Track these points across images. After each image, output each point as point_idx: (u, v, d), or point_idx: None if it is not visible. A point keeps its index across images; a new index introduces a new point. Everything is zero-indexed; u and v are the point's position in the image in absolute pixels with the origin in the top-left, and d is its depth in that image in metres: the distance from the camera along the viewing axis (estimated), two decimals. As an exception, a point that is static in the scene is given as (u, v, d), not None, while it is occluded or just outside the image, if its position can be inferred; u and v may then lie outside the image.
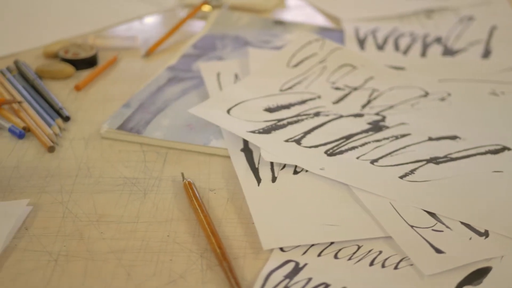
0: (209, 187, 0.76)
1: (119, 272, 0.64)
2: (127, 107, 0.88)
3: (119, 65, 1.04)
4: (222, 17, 1.15)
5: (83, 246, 0.67)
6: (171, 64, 1.00)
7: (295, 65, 0.95)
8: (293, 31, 1.12)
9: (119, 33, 1.14)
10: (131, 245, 0.67)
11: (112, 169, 0.79)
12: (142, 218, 0.71)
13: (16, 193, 0.74)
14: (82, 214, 0.71)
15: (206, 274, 0.64)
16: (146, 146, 0.83)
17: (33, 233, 0.69)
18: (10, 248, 0.67)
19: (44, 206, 0.72)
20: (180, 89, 0.93)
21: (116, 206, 0.72)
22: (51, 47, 1.04)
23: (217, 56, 1.03)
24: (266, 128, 0.81)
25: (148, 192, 0.75)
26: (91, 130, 0.86)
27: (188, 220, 0.71)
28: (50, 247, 0.67)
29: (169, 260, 0.65)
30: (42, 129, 0.84)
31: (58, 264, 0.65)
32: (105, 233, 0.69)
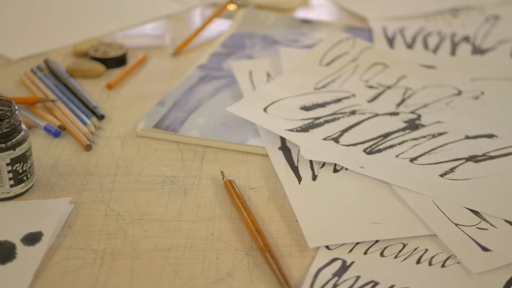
0: (249, 186, 0.75)
1: (166, 270, 0.64)
2: (161, 105, 0.88)
3: (148, 64, 1.04)
4: (249, 16, 1.15)
5: (128, 244, 0.67)
6: (201, 63, 1.00)
7: (327, 64, 0.95)
8: (321, 30, 1.11)
9: (145, 32, 1.14)
10: (176, 243, 0.67)
11: (150, 168, 0.78)
12: (184, 216, 0.71)
13: (56, 191, 0.74)
14: (124, 212, 0.71)
15: (253, 272, 0.63)
16: (182, 145, 0.83)
17: (77, 231, 0.68)
18: (55, 246, 0.67)
19: (86, 204, 0.72)
20: (212, 88, 0.93)
21: (157, 204, 0.72)
22: (80, 46, 1.04)
23: (247, 55, 1.03)
24: (303, 126, 0.81)
25: (189, 190, 0.75)
26: (126, 129, 0.86)
27: (231, 218, 0.70)
28: (95, 245, 0.67)
29: (215, 258, 0.65)
30: (77, 128, 0.84)
31: (105, 262, 0.64)
32: (148, 231, 0.69)
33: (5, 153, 0.70)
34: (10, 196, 0.72)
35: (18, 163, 0.71)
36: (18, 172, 0.72)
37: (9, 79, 0.98)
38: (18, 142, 0.71)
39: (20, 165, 0.72)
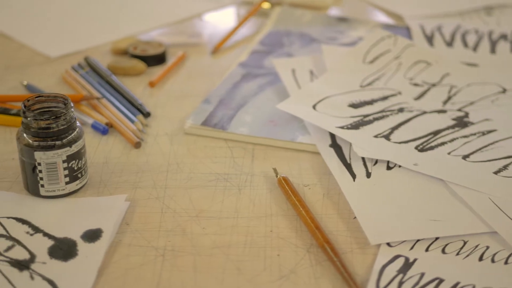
0: (303, 183, 0.75)
1: (229, 267, 0.63)
2: (207, 103, 0.88)
3: (188, 62, 1.04)
4: (285, 14, 1.15)
5: (187, 242, 0.67)
6: (242, 60, 1.00)
7: (371, 61, 0.95)
8: (358, 28, 1.11)
9: (180, 30, 1.14)
10: (235, 240, 0.67)
11: (201, 165, 0.78)
12: (241, 214, 0.70)
13: (110, 188, 0.74)
14: (181, 209, 0.71)
15: (316, 270, 0.63)
16: (231, 142, 0.82)
17: (135, 228, 0.68)
18: (114, 243, 0.66)
19: (141, 202, 0.72)
20: (256, 85, 0.93)
21: (213, 202, 0.72)
22: (119, 44, 1.04)
23: (286, 52, 1.03)
24: (353, 123, 0.81)
25: (242, 187, 0.74)
26: (173, 126, 0.86)
27: (287, 216, 0.70)
28: (155, 242, 0.66)
29: (276, 255, 0.65)
30: (125, 125, 0.84)
31: (166, 259, 0.64)
32: (207, 229, 0.68)
33: (62, 150, 0.70)
34: (65, 193, 0.72)
35: (73, 160, 0.71)
36: (73, 169, 0.71)
37: (50, 76, 0.98)
38: (74, 139, 0.71)
39: (76, 162, 0.71)
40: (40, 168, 0.70)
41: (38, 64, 1.02)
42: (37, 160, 0.70)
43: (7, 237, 0.67)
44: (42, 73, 1.00)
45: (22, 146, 0.70)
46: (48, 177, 0.70)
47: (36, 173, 0.70)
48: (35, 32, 1.11)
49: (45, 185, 0.71)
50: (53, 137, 0.70)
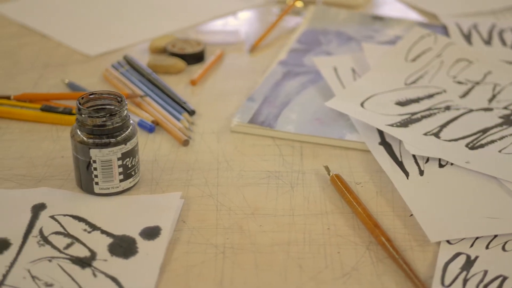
0: (355, 181, 0.75)
1: (290, 265, 0.63)
2: (251, 101, 0.88)
3: (226, 60, 1.03)
4: (319, 13, 1.15)
5: (246, 239, 0.66)
6: (282, 59, 1.00)
7: (413, 60, 0.94)
8: (394, 26, 1.11)
9: (216, 28, 1.13)
10: (294, 238, 0.67)
11: (251, 163, 0.78)
12: (296, 211, 0.70)
13: (162, 186, 0.74)
14: (235, 207, 0.71)
15: (378, 267, 0.63)
16: (278, 140, 0.82)
17: (192, 226, 0.68)
18: (173, 241, 0.66)
19: (195, 199, 0.72)
20: (298, 84, 0.93)
21: (266, 199, 0.72)
22: (157, 42, 1.04)
23: (325, 51, 1.03)
24: (402, 121, 0.81)
25: (295, 185, 0.74)
26: (218, 124, 0.86)
27: (343, 213, 0.70)
28: (213, 239, 0.66)
29: (336, 252, 0.65)
30: (172, 124, 0.84)
31: (227, 257, 0.64)
32: (264, 226, 0.68)
33: (117, 147, 0.70)
34: (119, 191, 0.72)
35: (128, 157, 0.71)
36: (127, 167, 0.71)
37: (91, 74, 0.98)
38: (128, 136, 0.71)
39: (130, 159, 0.71)
40: (95, 165, 0.70)
41: (76, 62, 1.02)
42: (92, 158, 0.70)
43: (65, 235, 0.66)
44: (81, 71, 1.00)
45: (76, 143, 0.70)
46: (102, 175, 0.70)
47: (91, 170, 0.70)
48: (72, 31, 1.11)
49: (100, 182, 0.71)
50: (108, 135, 0.69)
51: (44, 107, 0.85)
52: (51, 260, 0.63)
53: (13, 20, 1.15)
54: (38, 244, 0.65)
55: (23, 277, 0.61)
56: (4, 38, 1.10)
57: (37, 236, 0.66)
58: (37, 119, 0.85)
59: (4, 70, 0.99)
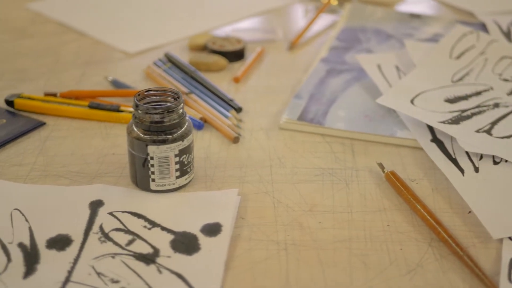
0: (409, 178, 0.75)
1: (355, 261, 0.63)
2: (298, 98, 0.87)
3: (265, 57, 1.03)
4: (356, 11, 1.15)
5: (307, 236, 0.66)
6: (323, 56, 0.99)
7: (457, 57, 0.94)
8: (432, 24, 1.11)
9: (251, 26, 1.13)
10: (355, 235, 0.66)
11: (303, 160, 0.78)
12: (354, 208, 0.70)
13: (217, 183, 0.74)
14: (292, 203, 0.71)
15: (442, 263, 0.63)
16: (328, 137, 0.82)
17: (251, 222, 0.68)
18: (234, 237, 0.66)
19: (251, 196, 0.72)
20: (342, 81, 0.92)
21: (323, 196, 0.72)
22: (196, 39, 1.04)
23: (365, 48, 1.02)
24: (453, 118, 0.81)
25: (349, 182, 0.74)
26: (266, 121, 0.86)
27: (401, 210, 0.70)
28: (274, 236, 0.66)
29: (399, 249, 0.65)
30: (220, 121, 0.84)
31: (290, 253, 0.64)
32: (323, 223, 0.68)
33: (175, 144, 0.70)
34: (175, 188, 0.72)
35: (184, 154, 0.71)
36: (184, 163, 0.71)
37: (132, 72, 0.98)
38: (185, 133, 0.71)
39: (186, 156, 0.71)
40: (152, 162, 0.70)
41: (116, 59, 1.02)
42: (149, 154, 0.69)
43: (125, 231, 0.66)
44: (122, 68, 1.00)
45: (133, 140, 0.70)
46: (159, 171, 0.70)
47: (147, 167, 0.70)
48: (110, 28, 1.11)
49: (156, 179, 0.71)
50: (166, 131, 0.69)
51: (92, 104, 0.85)
52: (114, 256, 0.63)
53: (50, 18, 1.15)
54: (99, 240, 0.65)
55: (88, 273, 0.61)
56: (43, 35, 1.10)
57: (97, 232, 0.66)
58: (85, 116, 0.85)
59: (46, 68, 0.99)
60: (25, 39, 1.09)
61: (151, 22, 1.14)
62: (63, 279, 0.60)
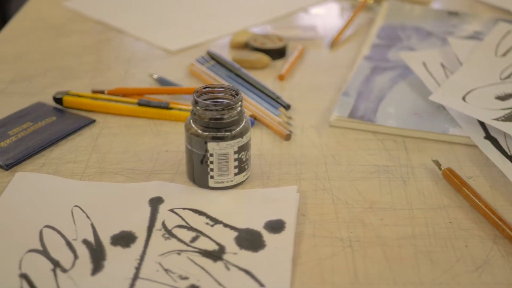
0: (465, 175, 0.75)
1: (421, 258, 0.63)
2: (346, 95, 0.87)
3: (306, 55, 1.03)
4: (394, 9, 1.15)
5: (370, 232, 0.66)
6: (366, 54, 0.99)
7: (503, 54, 0.94)
8: (471, 22, 1.11)
9: (290, 24, 1.13)
10: (418, 232, 0.66)
11: (357, 157, 0.78)
12: (414, 205, 0.70)
13: (274, 180, 0.74)
14: (352, 200, 0.71)
15: (510, 260, 0.63)
16: (379, 134, 0.82)
17: (313, 219, 0.68)
18: (297, 234, 0.66)
19: (309, 193, 0.72)
20: (387, 78, 0.92)
21: (381, 193, 0.72)
22: (238, 37, 1.04)
23: (407, 46, 1.02)
24: (507, 116, 0.81)
25: (406, 179, 0.74)
26: (315, 118, 0.85)
27: (461, 207, 0.70)
28: (337, 233, 0.66)
29: (464, 246, 0.64)
30: (271, 118, 0.83)
31: (355, 250, 0.64)
32: (385, 220, 0.68)
33: (234, 141, 0.70)
34: (233, 185, 0.72)
35: (243, 151, 0.71)
36: (242, 161, 0.71)
37: (175, 69, 0.98)
38: (244, 130, 0.70)
39: (244, 153, 0.71)
40: (211, 159, 0.70)
41: (158, 57, 1.02)
42: (209, 151, 0.69)
43: (188, 228, 0.66)
44: (164, 66, 1.00)
45: (191, 137, 0.70)
46: (218, 168, 0.70)
47: (206, 164, 0.70)
48: (150, 26, 1.11)
49: (215, 176, 0.71)
50: (226, 128, 0.69)
51: (141, 101, 0.85)
52: (180, 253, 0.63)
53: (87, 16, 1.15)
54: (163, 237, 0.65)
55: (156, 270, 0.61)
56: (82, 33, 1.10)
57: (161, 229, 0.66)
58: (134, 113, 0.85)
59: (89, 65, 0.99)
60: (65, 37, 1.09)
61: (189, 20, 1.14)
62: (132, 275, 0.60)
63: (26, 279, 0.60)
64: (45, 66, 0.98)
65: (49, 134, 0.80)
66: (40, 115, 0.84)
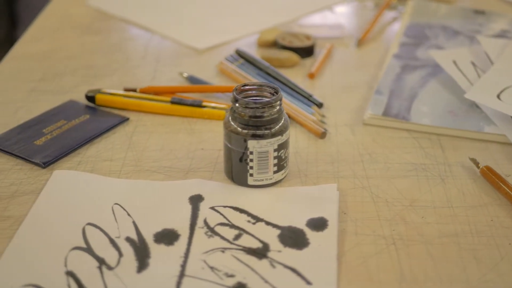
0: (503, 173, 0.74)
1: (465, 256, 0.63)
2: (379, 94, 0.87)
3: (334, 53, 1.03)
4: (419, 7, 1.14)
5: (412, 231, 0.66)
6: (395, 52, 0.99)
7: (534, 52, 0.94)
8: (497, 20, 1.11)
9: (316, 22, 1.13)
10: (460, 230, 0.66)
11: (393, 155, 0.78)
12: (455, 203, 0.70)
13: (312, 178, 0.74)
14: (391, 198, 0.70)
15: (555, 258, 0.63)
16: (414, 133, 0.82)
17: (354, 217, 0.68)
18: (339, 232, 0.66)
19: (348, 191, 0.72)
20: (418, 77, 0.92)
21: (420, 191, 0.72)
22: (266, 35, 1.04)
23: (435, 45, 1.02)
24: (542, 114, 0.80)
25: (444, 177, 0.74)
26: (348, 116, 0.85)
27: (501, 205, 0.70)
28: (380, 231, 0.66)
29: (507, 244, 0.64)
30: (305, 116, 0.83)
31: (399, 248, 0.64)
32: (426, 218, 0.68)
33: (274, 138, 0.70)
34: (272, 183, 0.72)
35: (282, 149, 0.71)
36: (281, 158, 0.71)
37: (204, 68, 0.98)
38: (284, 127, 0.70)
39: (284, 151, 0.71)
40: (251, 156, 0.70)
41: (186, 56, 1.02)
42: (249, 149, 0.69)
43: (230, 226, 0.66)
44: (193, 64, 1.00)
45: (230, 134, 0.70)
46: (258, 166, 0.70)
47: (245, 162, 0.70)
48: (175, 25, 1.11)
49: (254, 174, 0.71)
50: (266, 126, 0.69)
51: (174, 99, 0.85)
52: (224, 251, 0.63)
53: (111, 14, 1.15)
54: (206, 235, 0.65)
55: (201, 267, 0.61)
56: (108, 31, 1.10)
57: (203, 227, 0.66)
58: (167, 111, 0.85)
59: (118, 64, 0.99)
60: (91, 36, 1.09)
61: (214, 18, 1.14)
62: (178, 273, 0.60)
63: (73, 276, 0.60)
64: (74, 65, 0.98)
65: (84, 132, 0.80)
66: (73, 113, 0.84)
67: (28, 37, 1.07)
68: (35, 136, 0.79)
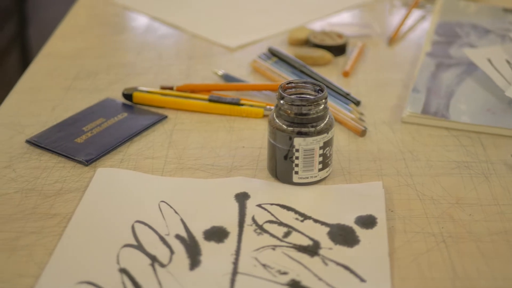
0: (547, 171, 0.74)
1: (516, 254, 0.63)
2: (416, 92, 0.87)
3: (366, 52, 1.03)
4: (448, 6, 1.14)
5: (461, 228, 0.66)
6: (428, 50, 0.99)
7: None
8: (527, 18, 1.10)
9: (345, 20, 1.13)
10: (509, 227, 0.66)
11: (435, 153, 0.78)
12: (501, 201, 0.70)
13: (356, 176, 0.74)
14: (437, 196, 0.70)
15: None
16: (453, 131, 0.82)
17: (401, 215, 0.68)
18: (388, 229, 0.66)
19: (393, 189, 0.72)
20: (453, 75, 0.92)
21: (465, 189, 0.72)
22: (296, 33, 1.04)
23: (467, 43, 1.02)
24: None
25: (488, 175, 0.74)
26: (386, 114, 0.85)
27: (547, 203, 0.70)
28: (428, 228, 0.66)
29: (558, 242, 0.64)
30: (344, 114, 0.83)
31: (449, 245, 0.64)
32: (474, 215, 0.68)
33: (320, 136, 0.70)
34: (317, 180, 0.72)
35: (328, 146, 0.71)
36: (326, 156, 0.71)
37: (237, 66, 0.98)
38: (329, 125, 0.70)
39: (329, 149, 0.71)
40: (297, 154, 0.70)
41: (218, 54, 1.02)
42: (295, 146, 0.69)
43: (278, 223, 0.66)
44: (226, 62, 1.00)
45: (275, 131, 0.70)
46: (304, 164, 0.70)
47: (290, 159, 0.70)
48: (206, 23, 1.11)
49: (300, 172, 0.71)
50: (312, 124, 0.69)
51: (212, 97, 0.85)
52: (275, 248, 0.63)
53: (139, 11, 1.15)
54: (255, 232, 0.65)
55: (253, 265, 0.61)
56: (138, 30, 1.10)
57: (252, 224, 0.66)
58: (205, 109, 0.85)
59: (151, 62, 0.99)
60: (122, 34, 1.09)
61: (244, 16, 1.13)
62: (231, 270, 0.60)
63: (127, 274, 0.60)
64: (107, 63, 0.98)
65: (124, 130, 0.80)
66: (111, 111, 0.84)
67: (58, 36, 1.07)
68: (76, 134, 0.79)
